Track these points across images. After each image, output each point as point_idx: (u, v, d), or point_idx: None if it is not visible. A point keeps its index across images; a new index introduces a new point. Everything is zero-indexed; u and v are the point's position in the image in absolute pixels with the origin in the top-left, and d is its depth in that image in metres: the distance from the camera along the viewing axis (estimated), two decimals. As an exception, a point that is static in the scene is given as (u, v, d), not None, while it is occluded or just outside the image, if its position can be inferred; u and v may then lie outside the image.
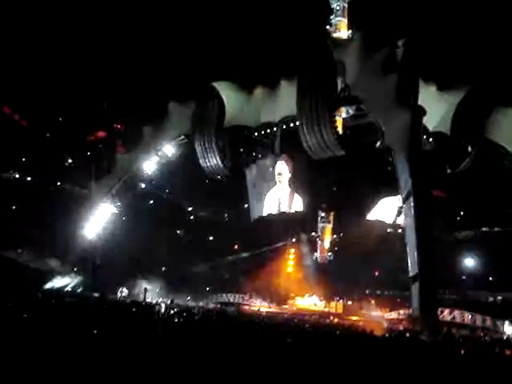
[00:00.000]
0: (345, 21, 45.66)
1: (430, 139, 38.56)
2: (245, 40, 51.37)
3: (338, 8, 45.85)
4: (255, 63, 47.33)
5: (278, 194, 45.82)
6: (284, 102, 40.29)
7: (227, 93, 42.35)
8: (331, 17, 45.65)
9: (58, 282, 44.05)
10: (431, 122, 37.62)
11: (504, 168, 37.22)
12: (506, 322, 36.87)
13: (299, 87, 37.70)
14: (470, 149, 37.02)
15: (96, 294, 41.69)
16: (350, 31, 45.00)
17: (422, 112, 34.75)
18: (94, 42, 54.39)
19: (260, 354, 12.38)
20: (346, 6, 46.09)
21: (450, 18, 48.18)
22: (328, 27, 45.59)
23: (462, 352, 16.13)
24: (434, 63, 39.42)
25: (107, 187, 46.28)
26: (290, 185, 45.31)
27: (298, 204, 45.49)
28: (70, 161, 52.30)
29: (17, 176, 49.71)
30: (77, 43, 54.15)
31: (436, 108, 37.35)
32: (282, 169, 45.28)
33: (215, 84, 42.49)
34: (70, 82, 53.72)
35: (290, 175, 45.28)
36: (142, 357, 11.48)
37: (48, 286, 43.51)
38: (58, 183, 50.89)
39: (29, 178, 50.15)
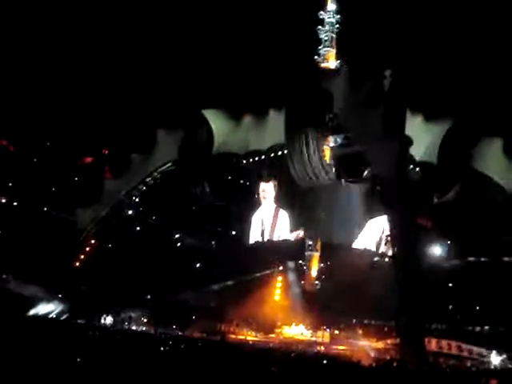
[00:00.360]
0: (333, 51, 46.30)
1: (417, 169, 38.92)
2: (234, 69, 51.80)
3: (326, 38, 46.54)
4: (244, 93, 47.68)
5: (262, 214, 45.90)
6: (272, 130, 40.64)
7: (216, 121, 42.67)
8: (319, 47, 46.26)
9: (42, 309, 43.51)
10: (418, 151, 38.08)
11: (490, 197, 37.59)
12: (493, 352, 36.85)
13: (287, 116, 38.04)
14: (456, 178, 37.44)
15: (81, 321, 41.41)
16: (339, 61, 45.59)
17: (408, 142, 35.13)
18: (82, 66, 54.65)
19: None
20: (334, 36, 46.78)
21: (436, 50, 48.93)
22: (316, 57, 46.18)
23: (449, 382, 16.08)
24: (421, 94, 39.87)
25: (94, 213, 46.08)
26: (274, 202, 45.53)
27: (282, 225, 45.78)
28: (56, 186, 51.95)
29: (3, 201, 49.32)
30: (64, 67, 54.38)
31: (422, 138, 37.86)
32: (267, 187, 45.42)
33: (204, 112, 42.81)
34: (58, 107, 53.75)
35: (274, 193, 45.48)
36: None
37: (32, 312, 42.98)
38: (45, 209, 50.51)
39: (15, 203, 49.77)
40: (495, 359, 36.65)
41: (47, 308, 43.81)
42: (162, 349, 20.80)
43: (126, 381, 11.76)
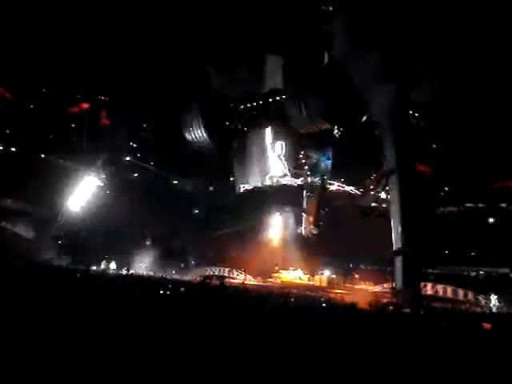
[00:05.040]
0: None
1: (416, 114, 38.57)
2: (231, 14, 50.58)
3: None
4: (241, 38, 46.70)
5: (263, 163, 45.76)
6: (270, 74, 40.11)
7: (213, 68, 42.12)
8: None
9: (43, 255, 43.79)
10: (417, 95, 37.56)
11: (488, 144, 37.40)
12: (490, 296, 37.40)
13: (285, 60, 37.50)
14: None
15: (82, 267, 41.79)
16: (337, 3, 44.53)
17: (408, 86, 34.69)
18: (78, 20, 53.35)
19: (244, 326, 12.43)
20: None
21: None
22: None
23: (443, 325, 16.30)
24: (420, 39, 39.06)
25: (92, 160, 45.99)
26: (275, 153, 45.33)
27: (284, 173, 45.77)
28: (54, 133, 51.62)
29: (0, 148, 49.08)
30: (62, 21, 53.14)
31: (422, 82, 37.29)
32: (269, 137, 45.18)
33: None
34: (54, 54, 52.88)
35: (274, 144, 45.24)
36: (126, 328, 11.47)
37: (33, 258, 43.29)
38: (43, 155, 50.31)
39: (13, 149, 49.55)
40: (490, 304, 37.20)
41: (48, 253, 44.13)
42: (161, 292, 20.97)
43: (125, 325, 11.87)
